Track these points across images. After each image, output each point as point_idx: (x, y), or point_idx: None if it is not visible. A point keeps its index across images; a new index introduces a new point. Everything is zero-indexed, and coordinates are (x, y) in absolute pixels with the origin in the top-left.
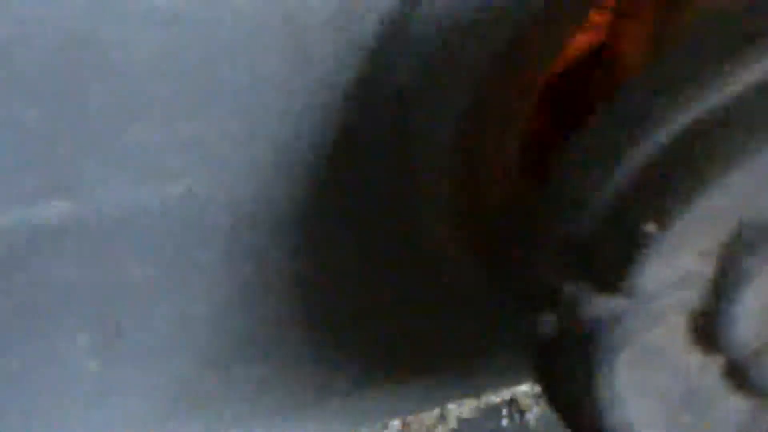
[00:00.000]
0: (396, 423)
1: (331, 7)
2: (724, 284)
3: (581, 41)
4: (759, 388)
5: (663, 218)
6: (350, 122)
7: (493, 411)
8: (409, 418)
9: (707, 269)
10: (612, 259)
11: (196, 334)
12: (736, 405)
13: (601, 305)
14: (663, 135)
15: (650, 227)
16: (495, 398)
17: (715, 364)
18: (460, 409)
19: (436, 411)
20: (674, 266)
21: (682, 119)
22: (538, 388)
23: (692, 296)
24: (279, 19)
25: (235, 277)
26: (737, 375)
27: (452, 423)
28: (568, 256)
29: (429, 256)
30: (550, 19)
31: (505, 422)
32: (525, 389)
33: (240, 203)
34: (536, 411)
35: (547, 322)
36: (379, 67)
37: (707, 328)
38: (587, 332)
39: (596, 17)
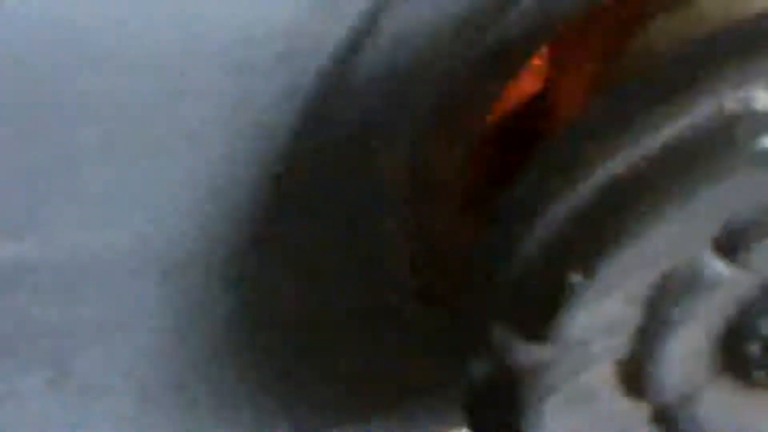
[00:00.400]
0: None
1: (273, 55)
2: (650, 332)
3: (525, 87)
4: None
5: (587, 267)
6: (290, 169)
7: None
8: None
9: (634, 317)
10: (538, 308)
11: (140, 373)
12: None
13: (528, 352)
14: (588, 185)
15: (575, 276)
16: None
17: (643, 411)
18: None
19: None
20: (600, 314)
21: (606, 169)
22: None
23: (619, 343)
24: (221, 65)
25: (181, 317)
26: (665, 422)
27: None
28: (498, 302)
29: (385, 300)
30: (486, 70)
31: None
32: None
33: (184, 244)
34: None
35: (478, 367)
36: (318, 117)
37: (635, 375)
38: (515, 378)
39: (539, 63)
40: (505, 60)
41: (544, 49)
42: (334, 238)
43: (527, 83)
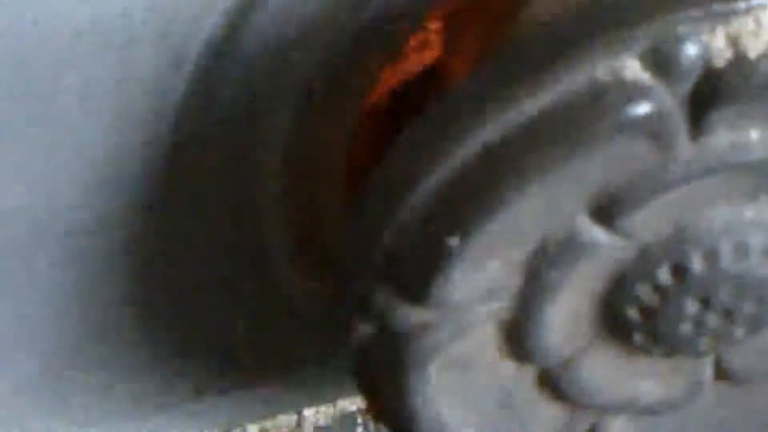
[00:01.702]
0: (254, 429)
1: (154, 30)
2: (530, 296)
3: (415, 60)
4: (571, 396)
5: (464, 231)
6: (179, 140)
7: (348, 419)
8: (267, 425)
9: (514, 281)
10: (418, 271)
11: (35, 338)
12: (551, 413)
13: (410, 315)
14: (463, 152)
15: (452, 240)
16: (350, 406)
17: (528, 373)
18: (316, 416)
19: (293, 419)
20: (480, 278)
21: (481, 137)
22: None
23: (501, 307)
24: (106, 37)
25: (72, 283)
26: (549, 384)
27: (308, 431)
28: (380, 267)
29: (270, 269)
30: (367, 42)
31: (360, 430)
32: None
33: (73, 212)
34: None
35: (363, 331)
36: (205, 87)
37: (517, 338)
38: (398, 341)
39: (431, 36)
40: (387, 32)
41: (434, 26)
42: (220, 208)
43: (418, 59)
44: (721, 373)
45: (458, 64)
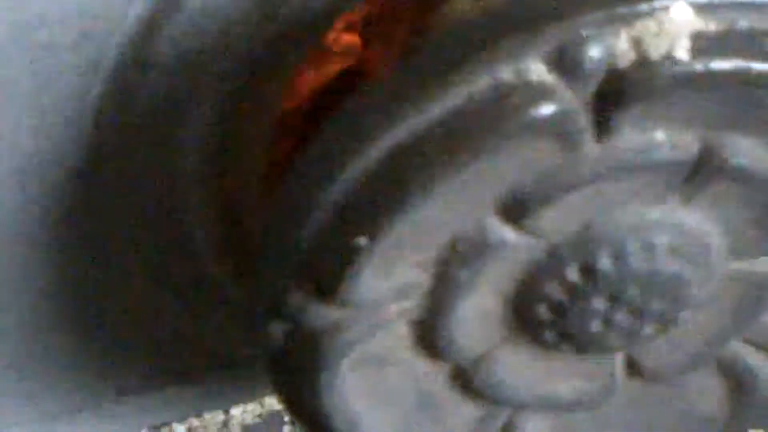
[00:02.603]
0: (182, 428)
1: (72, 34)
2: (441, 295)
3: (337, 61)
4: (485, 394)
5: (373, 231)
6: (99, 144)
7: (276, 417)
8: (195, 424)
9: (426, 280)
10: (329, 271)
11: None
12: (466, 410)
13: (322, 313)
14: (372, 153)
15: (362, 240)
16: (278, 404)
17: (442, 371)
18: (243, 415)
19: (221, 417)
20: (391, 277)
21: (389, 138)
22: None
23: (413, 305)
24: (22, 43)
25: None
26: (463, 381)
27: (235, 429)
28: (292, 266)
29: (197, 267)
30: (282, 44)
31: (287, 428)
32: None
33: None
34: None
35: (276, 331)
36: (123, 92)
37: (430, 337)
38: (310, 339)
39: (351, 37)
40: (302, 37)
41: (354, 28)
42: (145, 212)
43: (339, 60)
44: (634, 370)
45: (378, 64)
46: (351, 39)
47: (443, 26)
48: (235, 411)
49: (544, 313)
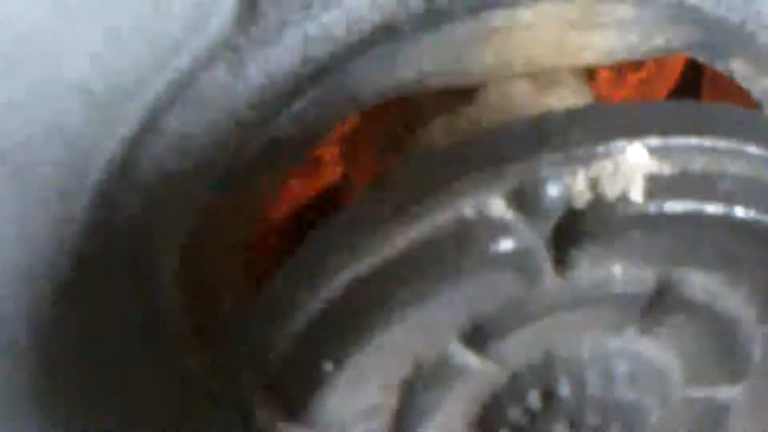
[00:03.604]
0: None
1: (59, 150)
2: (407, 416)
3: (317, 181)
4: None
5: (337, 358)
6: (82, 252)
7: None
8: None
9: (391, 401)
10: (296, 393)
11: None
12: None
13: None
14: (335, 284)
15: (327, 366)
16: None
17: None
18: None
19: None
20: (357, 400)
21: (352, 271)
22: None
23: (379, 426)
24: (8, 162)
25: None
26: None
27: None
28: (263, 386)
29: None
30: (259, 167)
31: None
32: None
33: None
34: None
35: None
36: (105, 209)
37: None
38: None
39: (330, 158)
40: (277, 159)
41: (332, 150)
42: (125, 315)
43: (325, 176)
44: None
45: (356, 185)
46: (330, 158)
47: (411, 158)
48: None
49: None
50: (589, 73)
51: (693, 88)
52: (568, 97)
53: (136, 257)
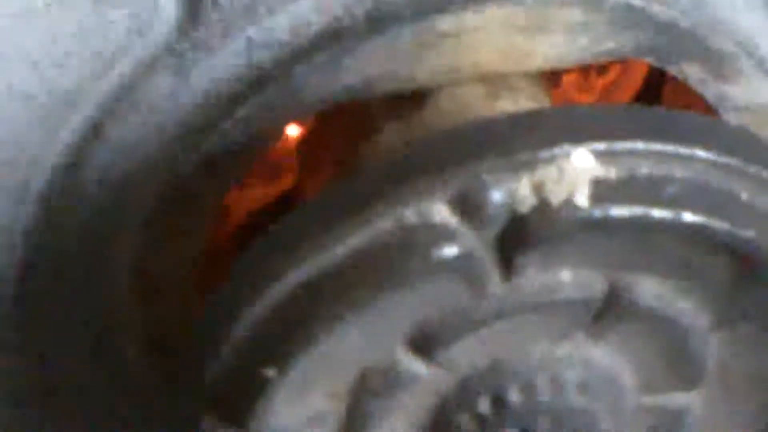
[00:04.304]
0: None
1: (2, 155)
2: (355, 423)
3: (274, 186)
4: None
5: (281, 364)
6: (29, 265)
7: None
8: None
9: (338, 409)
10: (240, 401)
11: None
12: None
13: None
14: (278, 291)
15: (270, 372)
16: None
17: None
18: None
19: None
20: (303, 406)
21: (294, 277)
22: None
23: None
24: None
25: None
26: None
27: None
28: (206, 395)
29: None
30: (203, 174)
31: None
32: None
33: None
34: None
35: None
36: (50, 218)
37: None
38: None
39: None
40: (221, 167)
41: (288, 155)
42: (76, 328)
43: (284, 182)
44: None
45: (311, 192)
46: (290, 165)
47: (358, 163)
48: None
49: None
50: (554, 78)
51: (655, 92)
52: (523, 101)
53: (84, 266)
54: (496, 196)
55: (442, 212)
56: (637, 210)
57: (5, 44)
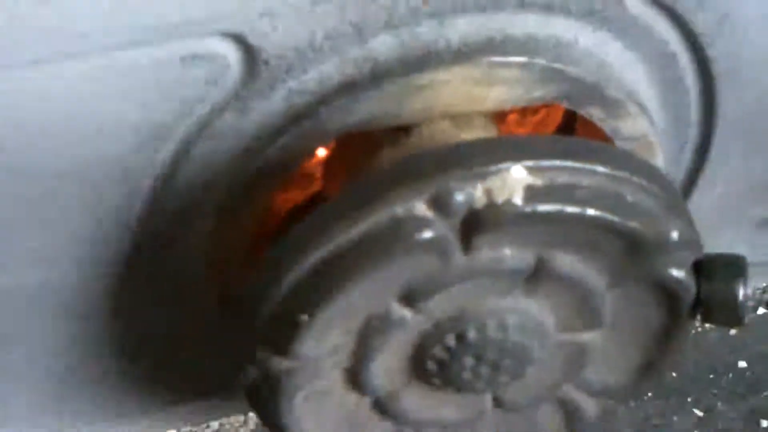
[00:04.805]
0: (215, 424)
1: (118, 173)
2: (361, 353)
3: (305, 190)
4: (395, 417)
5: (311, 311)
6: (140, 241)
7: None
8: (224, 421)
9: (350, 343)
10: (282, 337)
11: (48, 364)
12: (382, 429)
13: (279, 364)
14: (307, 262)
15: (303, 317)
16: None
17: (365, 402)
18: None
19: (241, 418)
20: (326, 341)
21: (318, 252)
22: None
23: (343, 359)
24: (82, 177)
25: (68, 330)
26: (380, 409)
27: (251, 425)
28: (260, 332)
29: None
30: (259, 181)
31: None
32: None
33: (68, 288)
34: None
35: (250, 373)
36: (153, 211)
37: (356, 380)
38: (272, 381)
39: (315, 174)
40: (270, 174)
41: (315, 168)
42: (171, 290)
43: (314, 187)
44: (498, 404)
45: (332, 194)
46: (315, 173)
47: (365, 174)
48: (252, 414)
49: (432, 367)
50: (501, 116)
51: (571, 126)
52: (479, 132)
53: (176, 242)
54: (459, 197)
55: (421, 208)
56: (555, 207)
57: (121, 89)
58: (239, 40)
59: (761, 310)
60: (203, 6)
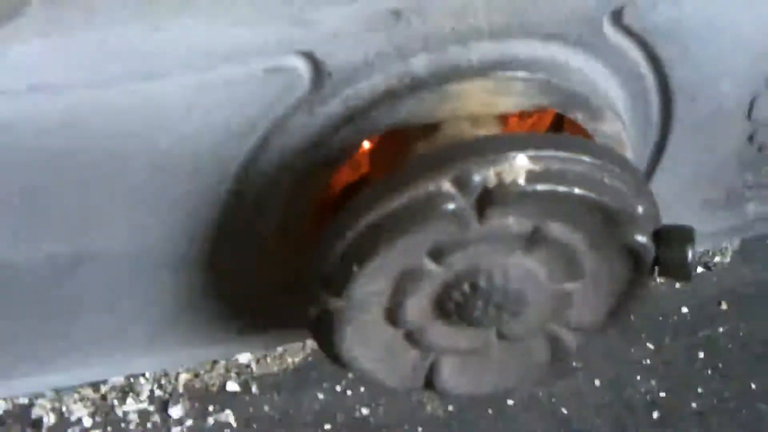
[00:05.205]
0: (280, 349)
1: (213, 158)
2: (397, 296)
3: (355, 173)
4: (422, 345)
5: (361, 263)
6: (232, 211)
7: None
8: (287, 346)
9: (390, 287)
10: (338, 282)
11: (150, 315)
12: (411, 354)
13: (335, 303)
14: (359, 225)
15: (355, 268)
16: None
17: (399, 333)
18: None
19: (300, 344)
20: (372, 286)
21: (368, 218)
22: None
23: (383, 300)
24: (178, 167)
25: (169, 280)
26: (411, 339)
27: (308, 350)
28: (322, 278)
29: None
30: (321, 165)
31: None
32: None
33: (170, 250)
34: None
35: (312, 310)
36: (241, 185)
37: (391, 316)
38: (330, 316)
39: (362, 159)
40: (331, 161)
41: (363, 155)
42: (251, 248)
43: (362, 169)
44: (501, 336)
45: (376, 176)
46: (361, 160)
47: (405, 160)
48: (309, 341)
49: (451, 307)
50: (505, 118)
51: (560, 126)
52: (491, 130)
53: (256, 216)
54: (477, 178)
55: (447, 186)
56: (550, 187)
57: (220, 97)
58: (310, 57)
59: (699, 269)
60: (285, 31)
